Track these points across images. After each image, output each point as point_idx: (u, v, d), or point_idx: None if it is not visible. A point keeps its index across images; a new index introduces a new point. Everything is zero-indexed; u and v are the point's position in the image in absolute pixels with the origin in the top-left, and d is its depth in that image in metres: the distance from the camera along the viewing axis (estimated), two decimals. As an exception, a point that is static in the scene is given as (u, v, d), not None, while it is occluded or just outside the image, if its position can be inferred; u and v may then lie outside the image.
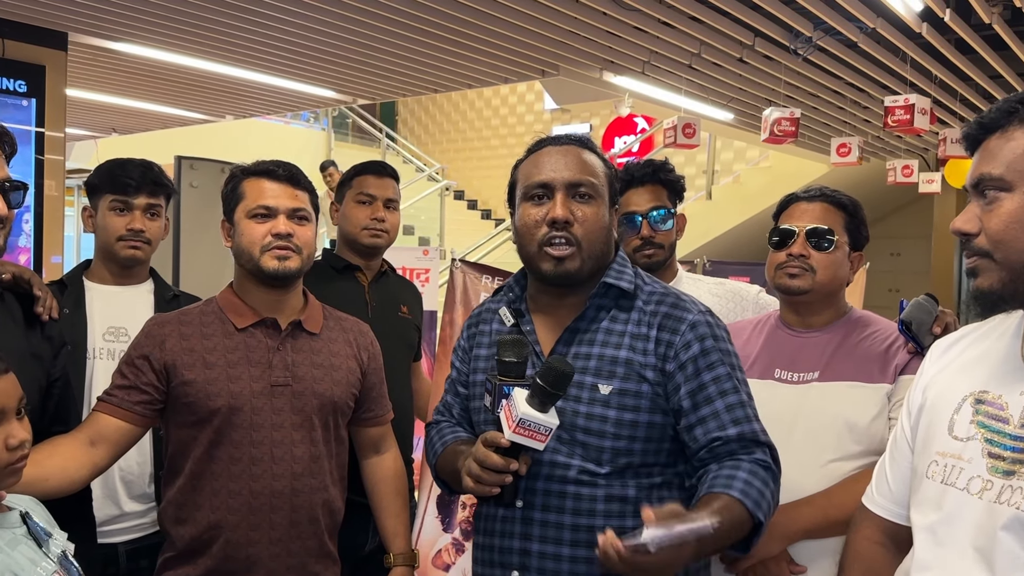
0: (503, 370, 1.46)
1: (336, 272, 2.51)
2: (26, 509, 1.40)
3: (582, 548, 1.47)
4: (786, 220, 1.95)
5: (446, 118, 15.30)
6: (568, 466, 1.48)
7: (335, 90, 6.69)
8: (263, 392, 1.78)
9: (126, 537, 2.12)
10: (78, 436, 1.72)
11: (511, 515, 1.52)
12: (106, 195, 2.19)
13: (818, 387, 1.84)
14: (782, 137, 6.07)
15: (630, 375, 1.50)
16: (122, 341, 2.13)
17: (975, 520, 1.12)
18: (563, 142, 1.59)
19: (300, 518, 1.79)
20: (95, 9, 4.72)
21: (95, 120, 8.31)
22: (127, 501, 2.13)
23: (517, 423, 1.36)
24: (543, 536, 1.49)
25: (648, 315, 1.55)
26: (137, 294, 2.23)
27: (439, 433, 1.72)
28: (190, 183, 5.27)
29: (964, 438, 1.16)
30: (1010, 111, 1.10)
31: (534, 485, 1.49)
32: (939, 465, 1.19)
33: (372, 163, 2.62)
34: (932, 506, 1.19)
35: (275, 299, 1.85)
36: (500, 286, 1.72)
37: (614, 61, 5.85)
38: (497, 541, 1.55)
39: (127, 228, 2.17)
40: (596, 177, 1.57)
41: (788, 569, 1.77)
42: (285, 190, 1.83)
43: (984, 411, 1.15)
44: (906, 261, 10.90)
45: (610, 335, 1.54)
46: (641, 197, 2.23)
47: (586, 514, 1.48)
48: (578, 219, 1.53)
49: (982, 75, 6.49)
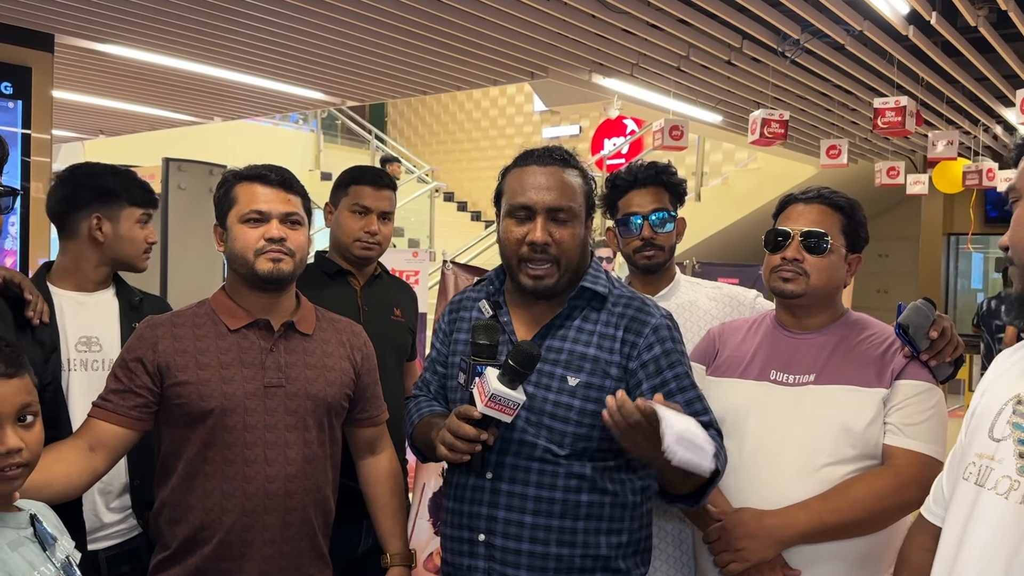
0: (476, 351, 1.65)
1: (328, 277, 2.50)
2: (37, 513, 1.40)
3: (542, 517, 1.67)
4: (783, 222, 1.95)
5: (435, 120, 15.30)
6: (535, 445, 1.67)
7: (324, 92, 6.68)
8: (256, 393, 1.78)
9: (106, 544, 2.11)
10: (77, 442, 1.72)
11: (481, 484, 1.70)
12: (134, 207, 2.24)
13: (814, 390, 1.84)
14: (771, 139, 6.10)
15: (596, 370, 1.68)
16: (95, 351, 2.11)
17: (998, 520, 1.13)
18: (547, 162, 1.72)
19: (293, 519, 1.79)
20: (81, 10, 4.70)
21: (82, 122, 8.27)
22: (105, 512, 2.12)
23: (489, 398, 1.53)
24: (508, 504, 1.68)
25: (616, 316, 1.72)
26: (103, 300, 2.19)
27: (416, 405, 1.88)
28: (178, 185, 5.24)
29: (999, 438, 1.18)
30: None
31: (503, 460, 1.68)
32: (975, 466, 1.20)
33: (370, 172, 2.58)
34: (964, 507, 1.20)
35: (268, 301, 1.85)
36: (482, 277, 1.90)
37: (603, 63, 5.87)
38: (467, 507, 1.73)
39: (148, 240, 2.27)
40: (575, 200, 1.71)
41: (783, 573, 1.77)
42: (278, 195, 1.83)
43: (1021, 411, 1.17)
44: (894, 262, 10.96)
45: (581, 333, 1.72)
46: (643, 198, 2.24)
47: (547, 487, 1.67)
48: (556, 241, 1.68)
49: (968, 77, 6.54)
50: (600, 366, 1.68)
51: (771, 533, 1.75)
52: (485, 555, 1.69)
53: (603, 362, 1.68)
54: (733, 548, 1.77)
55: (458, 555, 1.74)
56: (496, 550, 1.68)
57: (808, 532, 1.74)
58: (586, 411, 1.65)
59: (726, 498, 1.83)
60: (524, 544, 1.66)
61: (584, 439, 1.66)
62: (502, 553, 1.67)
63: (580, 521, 1.66)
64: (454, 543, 1.75)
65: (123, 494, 2.15)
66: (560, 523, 1.66)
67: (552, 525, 1.65)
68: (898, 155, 9.44)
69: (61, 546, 1.39)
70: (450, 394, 1.82)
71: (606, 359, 1.68)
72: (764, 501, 1.78)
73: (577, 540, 1.66)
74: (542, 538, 1.66)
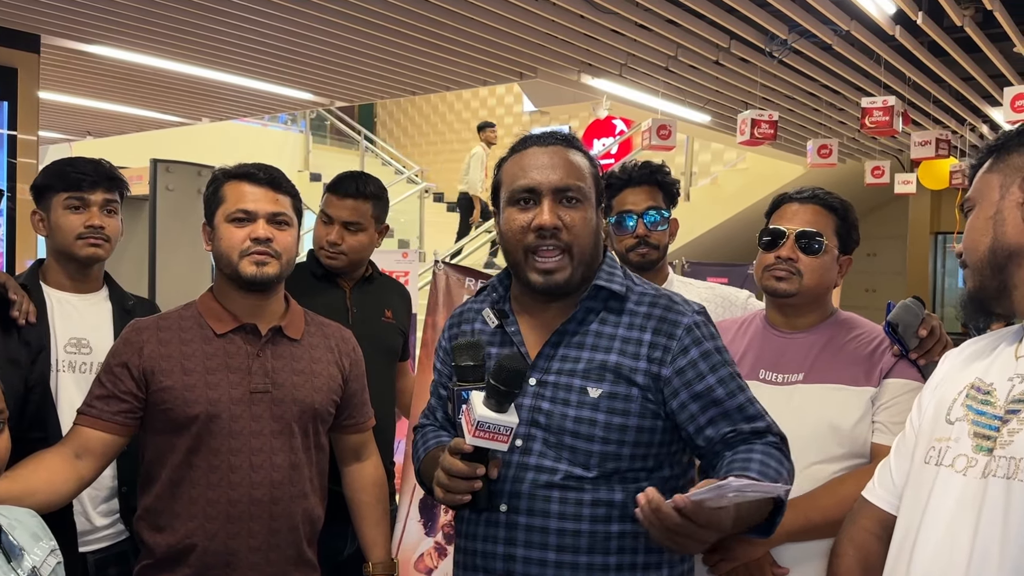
0: (461, 375, 1.45)
1: (316, 279, 2.49)
2: (14, 520, 1.37)
3: (567, 553, 1.45)
4: (777, 221, 1.95)
5: (425, 120, 15.29)
6: (555, 471, 1.46)
7: (312, 92, 6.67)
8: (242, 399, 1.76)
9: (94, 547, 2.09)
10: (62, 450, 1.71)
11: (495, 519, 1.49)
12: (59, 193, 2.09)
13: (802, 389, 1.84)
14: (761, 140, 6.12)
15: (620, 379, 1.48)
16: (84, 353, 2.08)
17: (959, 496, 1.20)
18: (548, 142, 1.54)
19: (279, 526, 1.77)
20: (68, 11, 4.68)
21: (69, 123, 8.23)
22: (94, 515, 2.10)
23: (476, 426, 1.34)
24: (528, 541, 1.46)
25: (641, 317, 1.52)
26: (95, 303, 2.16)
27: (423, 438, 1.70)
28: (166, 186, 5.22)
29: (955, 420, 1.26)
30: (987, 150, 1.32)
31: (519, 489, 1.47)
32: (935, 450, 1.27)
33: (344, 180, 2.48)
34: (923, 488, 1.27)
35: (255, 304, 1.83)
36: (483, 286, 1.68)
37: (591, 64, 5.89)
38: (480, 546, 1.52)
39: (85, 225, 2.07)
40: (584, 180, 1.52)
41: (771, 571, 1.77)
42: (266, 194, 1.81)
43: (974, 395, 1.25)
44: (882, 261, 11.01)
45: (600, 338, 1.51)
46: (637, 197, 2.26)
47: (572, 519, 1.45)
48: (567, 225, 1.48)
49: (955, 77, 6.58)
50: (624, 374, 1.47)
51: None
52: None
53: (627, 369, 1.47)
54: (722, 547, 1.77)
55: None
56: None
57: (796, 530, 1.73)
58: (612, 425, 1.45)
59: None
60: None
61: (613, 458, 1.46)
62: None
63: (612, 556, 1.45)
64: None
65: (111, 498, 2.13)
66: (589, 559, 1.44)
67: (580, 562, 1.43)
68: (886, 155, 9.48)
69: (32, 555, 1.35)
70: (455, 417, 1.60)
71: (630, 366, 1.47)
72: None
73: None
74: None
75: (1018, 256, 1.23)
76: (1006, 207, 1.24)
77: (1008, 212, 1.24)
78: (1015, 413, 1.17)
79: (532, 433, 1.47)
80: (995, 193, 1.27)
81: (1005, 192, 1.25)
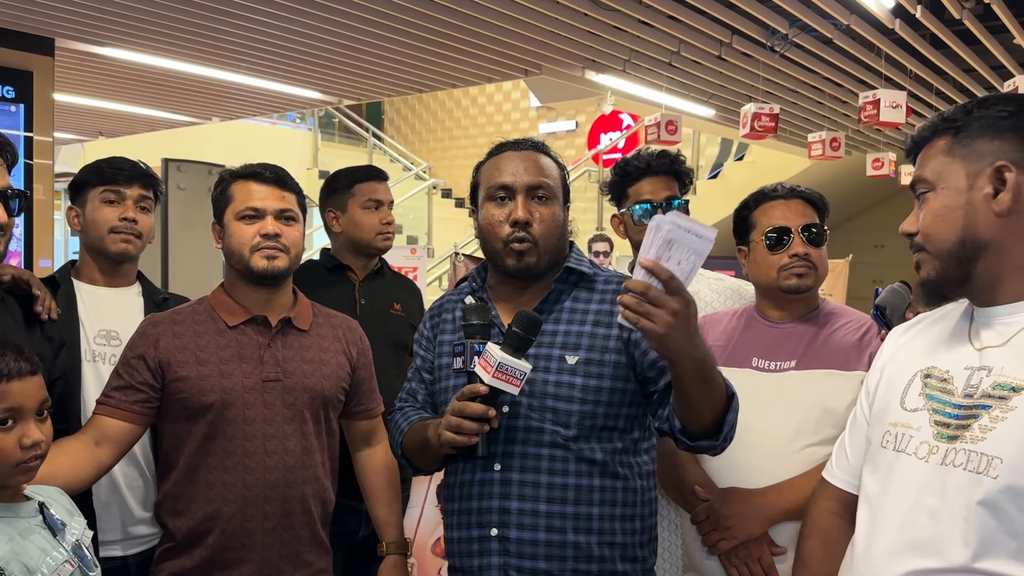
0: (470, 332, 1.62)
1: (327, 271, 2.56)
2: (48, 499, 1.46)
3: (556, 504, 1.63)
4: (770, 219, 1.96)
5: (432, 117, 15.33)
6: (542, 430, 1.64)
7: (321, 91, 6.73)
8: (255, 387, 1.83)
9: (136, 550, 2.10)
10: (82, 437, 1.78)
11: (490, 478, 1.66)
12: (96, 188, 2.15)
13: (795, 375, 1.89)
14: (762, 132, 6.15)
15: (594, 346, 1.66)
16: (113, 345, 2.10)
17: (920, 481, 1.23)
18: (521, 147, 1.74)
19: (293, 508, 1.84)
20: (81, 15, 4.75)
21: (82, 124, 8.31)
22: (139, 515, 2.10)
23: (496, 367, 1.50)
24: (521, 495, 1.63)
25: (611, 294, 1.70)
26: (127, 296, 2.20)
27: (404, 415, 1.82)
28: (177, 185, 5.31)
29: (913, 409, 1.28)
30: (935, 127, 1.30)
31: (512, 449, 1.64)
32: (891, 435, 1.31)
33: (372, 169, 2.65)
34: (884, 471, 1.31)
35: (265, 297, 1.90)
36: (461, 279, 1.88)
37: (595, 60, 5.93)
38: (475, 504, 1.67)
39: (120, 218, 2.12)
40: (552, 179, 1.72)
41: (769, 550, 1.83)
42: (272, 192, 1.89)
43: (932, 384, 1.27)
44: (890, 253, 10.99)
45: (574, 313, 1.70)
46: (656, 186, 2.27)
47: (560, 474, 1.63)
48: (536, 219, 1.69)
49: (956, 69, 6.59)
50: (598, 342, 1.66)
51: (758, 511, 1.81)
52: (499, 550, 1.63)
53: (601, 337, 1.66)
54: (722, 527, 1.83)
55: (467, 556, 1.68)
56: (511, 543, 1.62)
57: (793, 509, 1.78)
58: (588, 387, 1.63)
59: (713, 481, 1.89)
60: (540, 534, 1.61)
61: (590, 416, 1.63)
62: (518, 546, 1.62)
63: (595, 507, 1.63)
64: (462, 544, 1.69)
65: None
66: (575, 509, 1.62)
67: (567, 512, 1.61)
68: (891, 146, 9.48)
69: (71, 530, 1.45)
70: (438, 397, 1.78)
71: (604, 334, 1.66)
72: (749, 481, 1.84)
73: (593, 527, 1.62)
74: (558, 526, 1.61)
75: (986, 250, 1.22)
76: (977, 200, 1.22)
77: (980, 205, 1.21)
78: (986, 409, 1.18)
79: (518, 399, 1.62)
80: (961, 182, 1.24)
81: (974, 182, 1.22)
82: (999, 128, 1.22)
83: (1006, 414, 1.15)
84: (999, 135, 1.22)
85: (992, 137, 1.22)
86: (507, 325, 1.62)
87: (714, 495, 1.87)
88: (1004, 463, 1.13)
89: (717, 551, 1.86)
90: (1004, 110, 1.23)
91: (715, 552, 1.86)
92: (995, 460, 1.14)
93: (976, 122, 1.25)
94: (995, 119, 1.23)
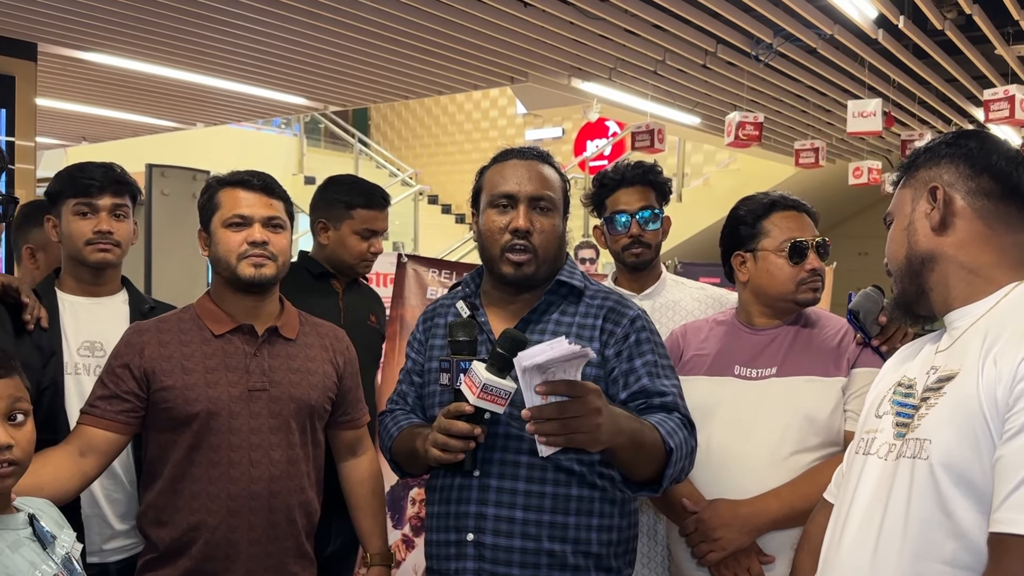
0: (456, 348, 1.63)
1: (313, 277, 2.56)
2: (37, 511, 1.43)
3: (532, 512, 1.65)
4: (786, 231, 1.96)
5: (419, 123, 15.33)
6: (521, 438, 1.65)
7: (306, 97, 6.73)
8: (241, 397, 1.82)
9: (118, 557, 2.08)
10: (67, 448, 1.75)
11: (468, 483, 1.68)
12: (68, 199, 2.10)
13: (777, 382, 1.90)
14: (746, 141, 6.20)
15: None
16: (98, 356, 2.07)
17: (877, 477, 1.31)
18: (527, 156, 1.77)
19: (278, 519, 1.83)
20: (64, 19, 4.73)
21: (65, 129, 8.27)
22: (116, 522, 2.09)
23: (481, 388, 1.51)
24: (498, 501, 1.66)
25: (595, 308, 1.75)
26: (112, 306, 2.17)
27: (394, 419, 1.84)
28: (161, 191, 5.26)
29: (882, 414, 1.37)
30: (907, 166, 1.43)
31: (491, 456, 1.66)
32: (863, 441, 1.38)
33: (375, 195, 2.60)
34: (854, 476, 1.38)
35: (252, 306, 1.89)
36: (455, 283, 1.90)
37: (581, 68, 5.96)
38: (454, 508, 1.70)
39: (94, 231, 2.08)
40: (554, 191, 1.75)
41: (758, 559, 1.84)
42: (260, 199, 1.87)
43: (899, 391, 1.35)
44: (873, 260, 11.06)
45: (560, 325, 1.74)
46: (631, 197, 2.29)
47: (537, 482, 1.65)
48: (537, 229, 1.72)
49: (938, 78, 6.66)
50: None
51: (746, 521, 1.82)
52: (475, 555, 1.65)
53: None
54: (710, 538, 1.83)
55: (444, 560, 1.70)
56: (487, 548, 1.64)
57: (780, 518, 1.80)
58: None
59: (699, 492, 1.90)
60: (516, 540, 1.63)
61: None
62: (493, 551, 1.64)
63: (571, 516, 1.64)
64: (440, 547, 1.72)
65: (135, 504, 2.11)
66: (551, 518, 1.63)
67: (543, 520, 1.63)
68: (875, 155, 9.57)
69: (61, 543, 1.42)
70: (428, 400, 1.80)
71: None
72: (735, 492, 1.85)
73: (568, 536, 1.64)
74: (533, 534, 1.63)
75: (930, 261, 1.34)
76: (916, 218, 1.36)
77: (918, 222, 1.35)
78: (925, 400, 1.27)
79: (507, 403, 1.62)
80: (907, 207, 1.38)
81: (915, 204, 1.36)
82: (938, 157, 1.36)
83: (938, 399, 1.24)
84: (937, 163, 1.36)
85: (932, 166, 1.37)
86: (496, 335, 1.62)
87: (701, 506, 1.87)
88: (933, 443, 1.21)
89: (707, 563, 1.86)
90: (944, 143, 1.38)
91: (705, 563, 1.87)
92: (926, 442, 1.22)
93: (923, 155, 1.40)
94: (936, 150, 1.37)
